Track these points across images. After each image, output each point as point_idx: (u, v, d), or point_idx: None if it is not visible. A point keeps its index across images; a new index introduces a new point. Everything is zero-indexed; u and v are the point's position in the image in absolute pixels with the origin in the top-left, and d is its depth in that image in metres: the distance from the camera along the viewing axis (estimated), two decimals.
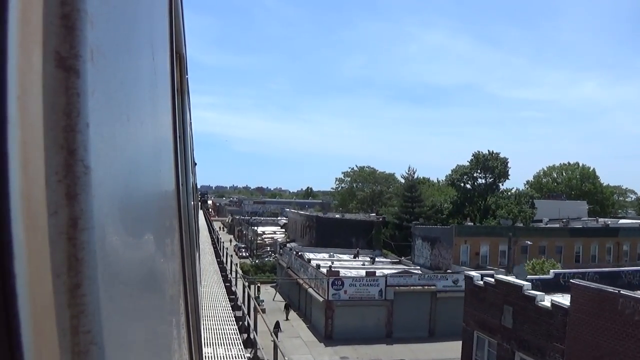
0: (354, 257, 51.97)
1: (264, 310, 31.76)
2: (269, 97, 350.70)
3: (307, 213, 72.55)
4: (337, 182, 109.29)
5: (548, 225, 57.01)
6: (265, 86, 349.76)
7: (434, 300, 37.95)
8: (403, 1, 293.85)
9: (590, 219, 66.11)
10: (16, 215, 0.42)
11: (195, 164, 10.88)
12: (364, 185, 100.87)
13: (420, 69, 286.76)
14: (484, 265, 42.94)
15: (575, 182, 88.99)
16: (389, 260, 52.44)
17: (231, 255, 26.54)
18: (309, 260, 44.82)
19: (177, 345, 1.64)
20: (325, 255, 52.18)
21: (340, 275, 37.61)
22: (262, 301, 39.40)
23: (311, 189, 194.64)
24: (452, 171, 74.70)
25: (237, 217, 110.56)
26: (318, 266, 40.57)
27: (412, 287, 38.03)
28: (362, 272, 41.51)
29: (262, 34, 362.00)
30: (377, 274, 38.77)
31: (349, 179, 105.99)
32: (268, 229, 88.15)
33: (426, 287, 38.28)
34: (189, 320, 2.33)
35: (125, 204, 0.69)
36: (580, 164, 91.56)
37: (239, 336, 12.50)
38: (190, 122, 5.82)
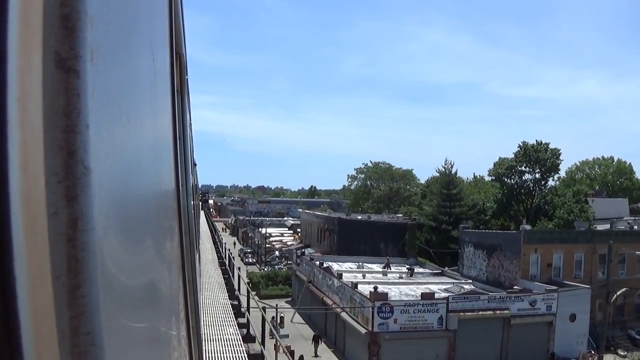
0: (386, 267, 43.50)
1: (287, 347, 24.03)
2: (269, 96, 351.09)
3: (326, 214, 62.94)
4: (350, 180, 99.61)
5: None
6: (266, 85, 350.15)
7: (506, 328, 29.80)
8: (402, 0, 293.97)
9: (635, 218, 54.29)
10: (16, 216, 0.42)
11: (195, 164, 10.89)
12: (379, 182, 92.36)
13: (420, 67, 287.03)
14: (557, 279, 34.91)
15: (610, 178, 78.88)
16: (429, 271, 43.70)
17: (234, 258, 22.12)
18: (340, 275, 34.87)
19: (177, 346, 1.64)
20: (352, 266, 44.16)
21: (388, 298, 28.45)
22: (287, 336, 29.00)
23: (315, 187, 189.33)
24: (495, 164, 63.04)
25: (241, 217, 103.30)
26: (355, 285, 30.90)
27: (480, 313, 29.22)
28: (406, 289, 33.21)
29: (263, 33, 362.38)
30: (435, 296, 29.88)
31: (362, 176, 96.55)
32: (274, 230, 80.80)
33: (498, 311, 29.60)
34: (188, 320, 2.33)
35: (125, 204, 0.69)
36: (616, 159, 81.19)
37: None
38: (190, 123, 5.82)
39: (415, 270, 42.48)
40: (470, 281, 37.74)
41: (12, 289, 0.41)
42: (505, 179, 61.02)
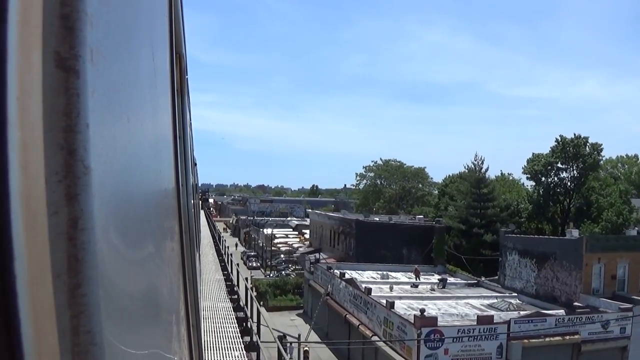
0: (415, 278, 36.81)
1: None
2: (269, 95, 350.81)
3: (341, 215, 55.57)
4: (358, 178, 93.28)
5: None
6: (266, 84, 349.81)
7: (575, 356, 24.34)
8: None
9: None
10: (16, 216, 0.42)
11: (195, 164, 10.89)
12: (390, 181, 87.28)
13: (420, 67, 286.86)
14: (622, 293, 29.19)
15: (634, 177, 71.82)
16: (462, 281, 37.15)
17: (237, 264, 19.46)
18: (369, 290, 28.08)
19: (178, 345, 1.64)
20: (374, 275, 37.97)
21: (438, 323, 22.32)
22: None
23: (317, 186, 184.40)
24: (529, 161, 55.59)
25: (243, 217, 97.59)
26: (391, 305, 24.90)
27: (547, 339, 23.57)
28: (444, 306, 27.94)
29: (263, 32, 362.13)
30: (483, 314, 24.35)
31: (372, 174, 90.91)
32: (278, 231, 74.47)
33: (567, 336, 24.01)
34: (189, 319, 2.33)
35: (125, 204, 0.69)
36: None
37: None
38: (190, 122, 5.83)
39: (448, 281, 36.10)
40: (515, 295, 31.82)
41: (13, 288, 0.41)
42: (542, 177, 54.09)
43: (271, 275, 55.28)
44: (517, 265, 33.96)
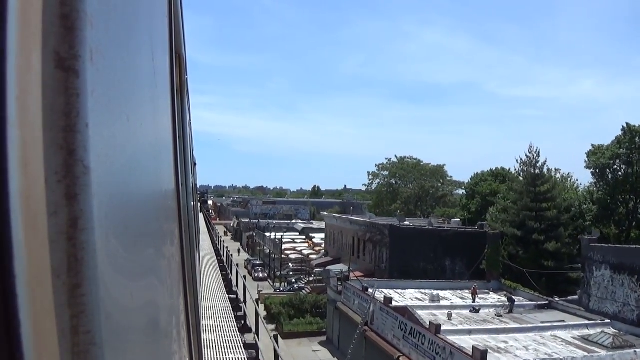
0: (473, 299, 29.76)
1: None
2: (268, 96, 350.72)
3: (367, 219, 46.20)
4: (371, 177, 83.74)
5: None
6: (264, 85, 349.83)
7: None
8: (402, 0, 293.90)
9: None
10: (16, 216, 0.42)
11: (195, 164, 10.89)
12: (407, 180, 79.48)
13: (419, 67, 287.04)
14: None
15: None
16: (530, 302, 29.52)
17: (244, 277, 16.58)
18: (437, 328, 20.15)
19: (177, 345, 1.64)
20: (418, 295, 30.76)
21: None
22: None
23: (319, 187, 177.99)
24: (590, 153, 46.61)
25: (244, 220, 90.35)
26: (483, 356, 17.07)
27: None
28: (531, 344, 21.18)
29: (261, 33, 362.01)
30: (579, 355, 19.20)
31: (385, 173, 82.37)
32: (283, 235, 66.10)
33: None
34: (188, 319, 2.33)
35: (125, 203, 0.69)
36: None
37: None
38: (190, 122, 5.82)
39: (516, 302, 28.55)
40: (608, 321, 24.77)
41: (12, 288, 0.41)
42: (609, 172, 44.71)
43: (282, 289, 49.39)
44: (608, 283, 26.45)
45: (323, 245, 61.19)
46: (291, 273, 56.50)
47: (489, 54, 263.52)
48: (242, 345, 10.25)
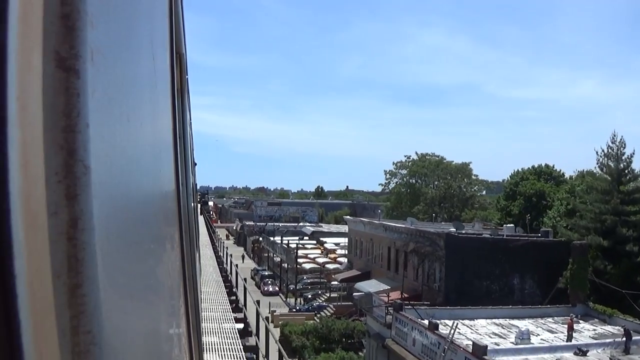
0: (569, 334, 22.20)
1: None
2: (267, 98, 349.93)
3: (409, 226, 37.08)
4: (388, 177, 75.83)
5: None
6: (264, 87, 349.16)
7: None
8: (400, 1, 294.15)
9: None
10: (16, 216, 0.42)
11: (195, 164, 10.90)
12: (429, 179, 71.92)
13: (418, 69, 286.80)
14: None
15: None
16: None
17: (257, 302, 14.81)
18: None
19: (177, 345, 1.64)
20: (495, 328, 23.74)
21: None
22: None
23: (322, 188, 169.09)
24: None
25: (248, 223, 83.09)
26: None
27: None
28: None
29: (261, 34, 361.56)
30: None
31: (404, 171, 75.11)
32: (291, 239, 60.06)
33: None
34: (189, 320, 2.33)
35: (125, 204, 0.69)
36: None
37: None
38: (190, 122, 5.83)
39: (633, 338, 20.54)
40: None
41: (13, 288, 0.41)
42: None
43: (298, 307, 42.55)
44: None
45: (338, 252, 56.00)
46: (308, 287, 49.15)
47: (489, 55, 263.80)
48: None
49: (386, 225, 40.96)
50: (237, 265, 22.66)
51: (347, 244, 53.39)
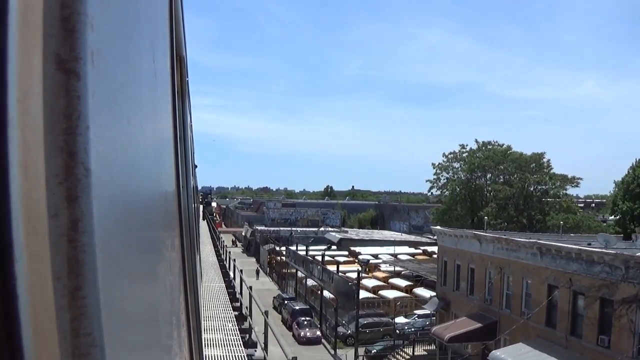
0: None
1: None
2: (269, 98, 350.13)
3: (599, 247, 20.28)
4: (437, 171, 58.17)
5: None
6: (266, 87, 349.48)
7: None
8: (402, 2, 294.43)
9: None
10: (17, 218, 0.42)
11: (196, 166, 10.91)
12: (496, 173, 55.04)
13: (420, 69, 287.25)
14: None
15: None
16: None
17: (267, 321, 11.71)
18: None
19: (178, 347, 1.64)
20: None
21: None
22: None
23: (331, 187, 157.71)
24: None
25: (259, 228, 67.38)
26: None
27: None
28: None
29: (263, 35, 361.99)
30: None
31: (458, 165, 57.40)
32: (314, 249, 47.37)
33: None
34: (189, 321, 2.33)
35: (125, 206, 0.69)
36: None
37: None
38: (191, 124, 5.83)
39: None
40: None
41: (13, 290, 0.41)
42: None
43: None
44: None
45: (383, 268, 44.62)
46: (365, 330, 30.47)
47: (490, 55, 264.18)
48: None
49: (544, 247, 22.28)
50: (251, 288, 16.70)
51: (402, 261, 44.92)
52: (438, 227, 37.62)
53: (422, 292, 38.51)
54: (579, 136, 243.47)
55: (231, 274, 20.42)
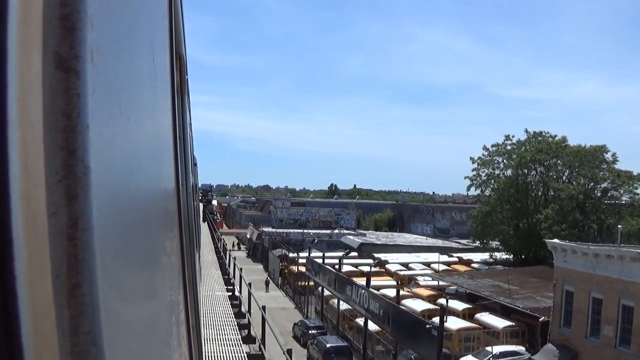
0: None
1: None
2: (270, 96, 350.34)
3: None
4: (476, 167, 47.38)
5: None
6: (266, 86, 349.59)
7: None
8: (403, 1, 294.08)
9: None
10: (16, 216, 0.42)
11: (195, 164, 10.90)
12: (550, 167, 44.35)
13: (420, 68, 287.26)
14: None
15: None
16: None
17: None
18: None
19: (177, 345, 1.64)
20: None
21: None
22: None
23: (336, 186, 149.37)
24: None
25: (266, 229, 59.01)
26: None
27: None
28: None
29: (263, 33, 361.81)
30: None
31: (501, 159, 46.85)
32: (331, 255, 39.59)
33: None
34: (188, 319, 2.33)
35: (125, 204, 0.69)
36: None
37: None
38: (190, 123, 5.83)
39: None
40: None
41: (12, 289, 0.41)
42: None
43: None
44: None
45: (422, 282, 35.68)
46: None
47: (490, 55, 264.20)
48: None
49: None
50: (264, 309, 13.23)
51: (446, 274, 35.74)
52: (556, 241, 26.56)
53: (490, 319, 28.03)
54: (579, 136, 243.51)
55: (237, 287, 16.97)
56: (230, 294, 15.97)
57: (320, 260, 36.00)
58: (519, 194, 45.01)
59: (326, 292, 33.33)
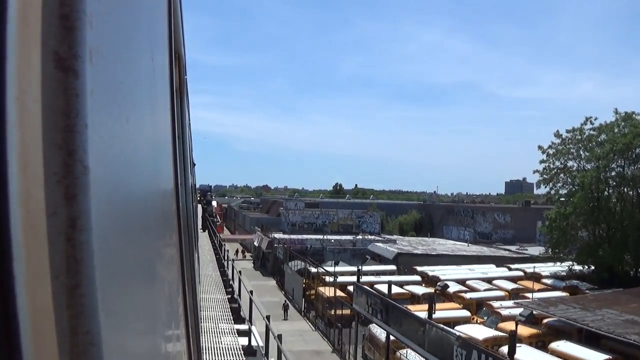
0: None
1: None
2: (268, 96, 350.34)
3: None
4: (546, 157, 35.50)
5: None
6: (264, 86, 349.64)
7: None
8: (401, 1, 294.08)
9: None
10: (15, 216, 0.42)
11: (194, 164, 10.90)
12: None
13: (419, 68, 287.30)
14: None
15: None
16: None
17: None
18: None
19: (177, 345, 1.64)
20: None
21: None
22: None
23: (340, 185, 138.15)
24: None
25: (277, 236, 48.02)
26: None
27: None
28: None
29: (261, 33, 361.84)
30: None
31: (578, 147, 35.23)
32: (366, 271, 30.18)
33: None
34: (187, 319, 2.33)
35: (124, 204, 0.69)
36: None
37: None
38: (189, 123, 5.83)
39: None
40: None
41: (12, 289, 0.41)
42: None
43: None
44: None
45: (511, 312, 21.60)
46: None
47: (489, 54, 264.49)
48: None
49: None
50: (285, 355, 8.69)
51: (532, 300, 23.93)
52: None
53: (574, 350, 18.18)
54: None
55: (245, 314, 12.48)
56: (239, 326, 11.28)
57: (358, 279, 25.41)
58: (600, 194, 34.35)
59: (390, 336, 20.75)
